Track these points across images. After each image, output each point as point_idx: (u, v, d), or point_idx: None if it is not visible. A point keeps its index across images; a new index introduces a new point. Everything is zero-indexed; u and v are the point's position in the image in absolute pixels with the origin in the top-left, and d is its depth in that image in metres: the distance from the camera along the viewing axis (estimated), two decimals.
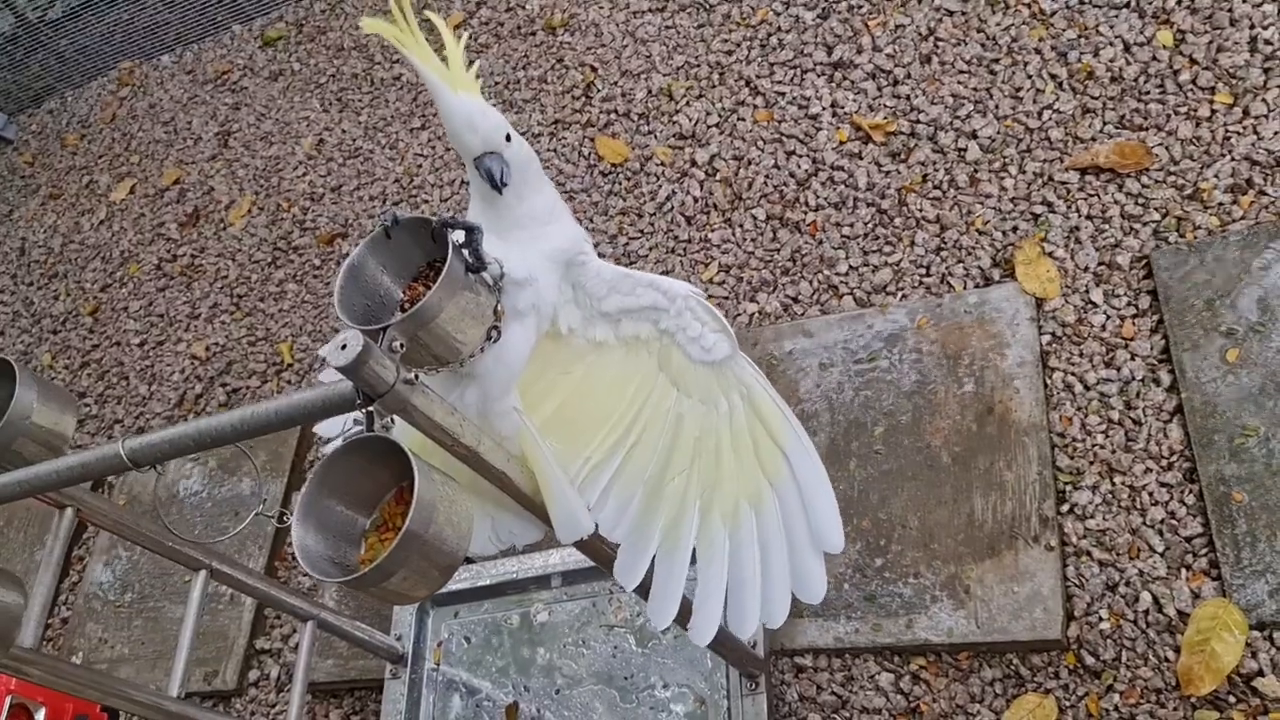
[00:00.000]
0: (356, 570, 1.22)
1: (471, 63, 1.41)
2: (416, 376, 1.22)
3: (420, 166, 3.74)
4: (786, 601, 1.58)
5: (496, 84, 3.77)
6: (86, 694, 1.83)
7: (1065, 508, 2.21)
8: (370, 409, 1.23)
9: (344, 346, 1.13)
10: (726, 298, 2.85)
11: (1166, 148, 2.51)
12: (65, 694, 2.48)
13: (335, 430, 2.07)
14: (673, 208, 3.09)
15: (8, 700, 2.39)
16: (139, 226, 4.36)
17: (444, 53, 1.38)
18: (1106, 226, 2.48)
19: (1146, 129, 2.56)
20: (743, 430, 1.56)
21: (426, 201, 3.62)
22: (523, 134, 3.50)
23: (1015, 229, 2.58)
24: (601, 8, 3.70)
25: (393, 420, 1.27)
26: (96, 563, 3.35)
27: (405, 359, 1.23)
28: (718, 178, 3.08)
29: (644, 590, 1.74)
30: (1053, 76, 2.74)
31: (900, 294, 2.63)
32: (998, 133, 2.73)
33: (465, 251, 1.31)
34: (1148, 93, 2.60)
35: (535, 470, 1.49)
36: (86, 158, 4.87)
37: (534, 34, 3.81)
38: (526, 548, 2.58)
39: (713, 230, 2.99)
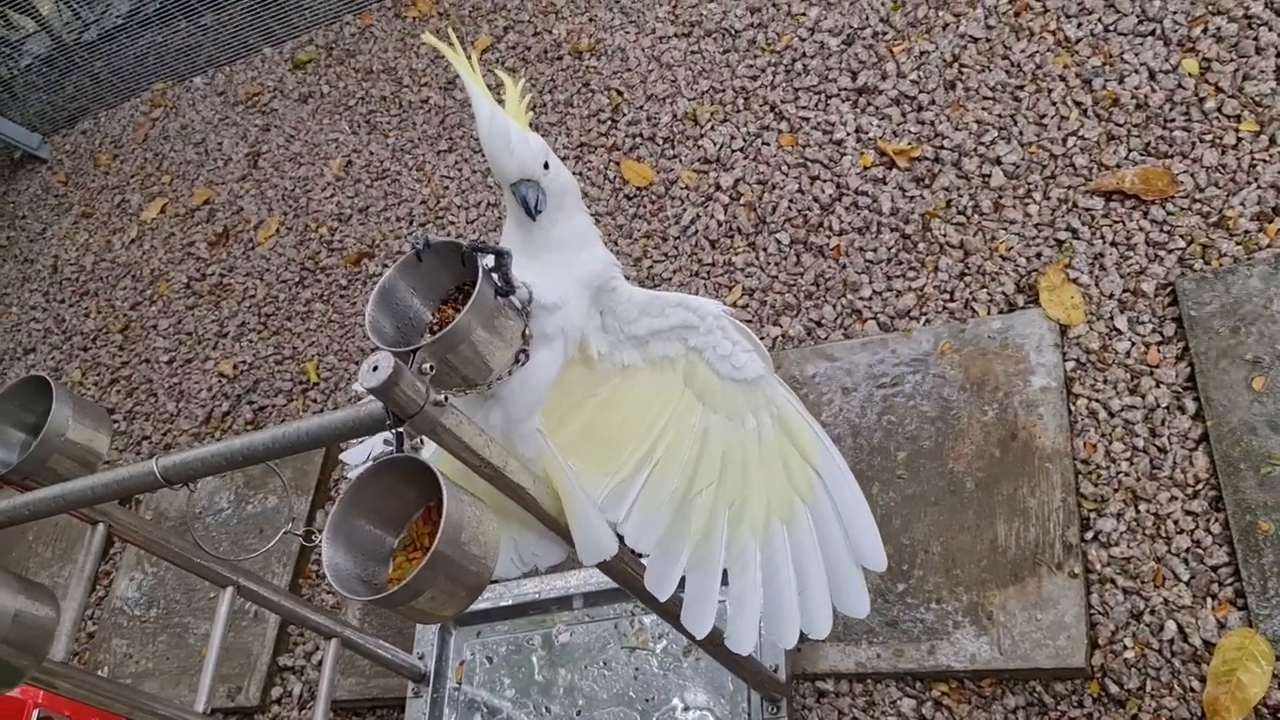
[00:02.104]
0: (385, 589, 1.24)
1: (527, 96, 1.45)
2: (446, 398, 1.24)
3: (447, 189, 3.78)
4: (827, 613, 1.57)
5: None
6: (114, 707, 1.85)
7: (1089, 535, 2.20)
8: (400, 430, 1.24)
9: (375, 368, 1.15)
10: (750, 321, 2.87)
11: (1192, 175, 2.51)
12: (91, 708, 2.51)
13: (361, 458, 2.11)
14: (697, 231, 3.11)
15: (35, 714, 2.41)
16: (169, 245, 4.43)
17: (502, 92, 1.42)
18: (1131, 253, 2.48)
19: (1171, 156, 2.56)
20: (772, 448, 1.56)
21: (453, 223, 3.65)
22: None
23: (1039, 255, 2.58)
24: (628, 33, 3.74)
25: (422, 441, 1.28)
26: (123, 578, 3.39)
27: (434, 381, 1.24)
28: (742, 202, 3.10)
29: (666, 612, 1.75)
30: (1077, 103, 2.75)
31: (924, 319, 2.64)
32: (1022, 159, 2.74)
33: (495, 276, 1.33)
34: (1173, 120, 2.60)
35: (559, 491, 1.50)
36: (119, 177, 4.95)
37: (560, 58, 3.85)
38: (549, 569, 2.59)
39: (737, 254, 3.00)
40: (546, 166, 1.40)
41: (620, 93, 3.60)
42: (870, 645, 2.24)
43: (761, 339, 2.80)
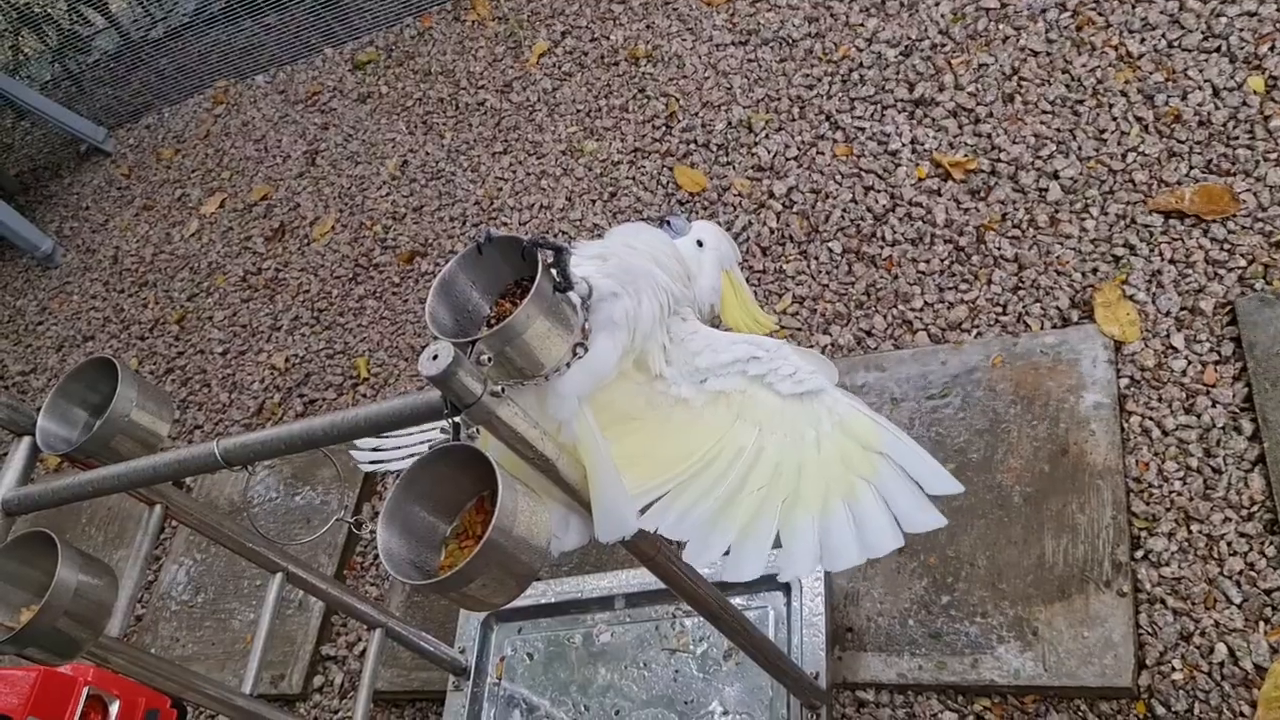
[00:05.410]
0: (437, 575, 1.25)
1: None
2: (503, 389, 1.25)
3: (500, 190, 3.81)
4: (894, 534, 1.45)
5: (579, 111, 3.84)
6: (165, 685, 1.88)
7: (1139, 554, 2.17)
8: (457, 419, 1.26)
9: (435, 357, 1.17)
10: (800, 329, 2.86)
11: (1254, 194, 2.47)
12: (138, 688, 2.55)
13: (365, 459, 2.19)
14: (749, 238, 3.12)
15: (85, 691, 2.46)
16: (227, 239, 4.51)
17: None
18: (1190, 271, 2.45)
19: (1234, 174, 2.52)
20: (832, 450, 1.52)
21: (506, 224, 3.69)
22: (603, 161, 3.57)
23: (1095, 270, 2.55)
24: (685, 40, 3.76)
25: (478, 430, 1.30)
26: (172, 564, 3.45)
27: (490, 372, 1.26)
28: (795, 210, 3.10)
29: (703, 607, 1.75)
30: (1138, 119, 2.72)
31: (975, 332, 2.62)
32: (1080, 173, 2.71)
33: (554, 271, 1.34)
34: (1236, 138, 2.57)
35: (584, 460, 1.45)
36: (180, 172, 5.05)
37: (617, 64, 3.88)
38: (591, 569, 2.61)
39: (788, 262, 3.00)
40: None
41: (676, 99, 3.61)
42: (913, 656, 2.23)
43: (811, 348, 2.80)
